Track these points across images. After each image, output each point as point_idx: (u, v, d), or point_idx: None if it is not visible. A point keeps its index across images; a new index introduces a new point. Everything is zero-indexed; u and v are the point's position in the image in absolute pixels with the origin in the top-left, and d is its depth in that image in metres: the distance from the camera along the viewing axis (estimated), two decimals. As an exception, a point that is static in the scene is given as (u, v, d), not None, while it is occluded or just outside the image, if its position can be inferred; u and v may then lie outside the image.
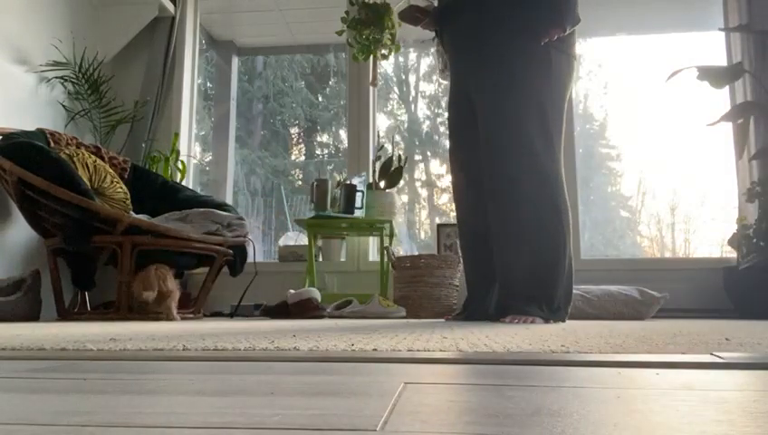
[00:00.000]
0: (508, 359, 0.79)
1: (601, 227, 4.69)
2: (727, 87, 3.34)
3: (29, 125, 2.93)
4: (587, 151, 4.65)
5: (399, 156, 3.45)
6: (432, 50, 2.37)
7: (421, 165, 5.11)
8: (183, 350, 0.90)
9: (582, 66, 4.62)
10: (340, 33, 3.49)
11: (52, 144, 2.81)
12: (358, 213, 3.19)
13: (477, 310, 2.19)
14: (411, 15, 2.33)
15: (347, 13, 3.49)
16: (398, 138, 4.79)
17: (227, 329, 1.54)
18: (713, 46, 3.67)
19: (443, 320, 2.24)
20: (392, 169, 3.39)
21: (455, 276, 3.05)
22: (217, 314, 3.37)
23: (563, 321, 2.05)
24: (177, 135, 3.71)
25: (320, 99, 5.56)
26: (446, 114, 2.35)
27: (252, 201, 5.01)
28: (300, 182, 5.45)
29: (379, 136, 3.83)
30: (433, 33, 2.41)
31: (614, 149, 5.02)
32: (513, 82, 2.08)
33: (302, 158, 5.71)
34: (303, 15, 4.29)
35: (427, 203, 5.15)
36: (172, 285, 2.54)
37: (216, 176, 4.21)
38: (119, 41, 3.68)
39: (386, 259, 3.20)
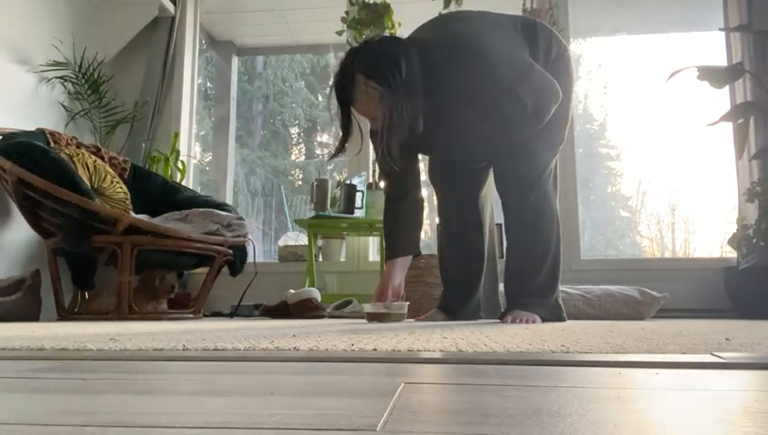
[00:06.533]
0: (508, 359, 0.79)
1: (601, 227, 4.69)
2: (727, 87, 3.34)
3: (29, 125, 2.93)
4: (587, 151, 4.65)
5: (399, 156, 3.44)
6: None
7: (421, 165, 5.10)
8: (183, 350, 0.90)
9: (582, 66, 4.63)
10: (340, 33, 3.49)
11: (52, 144, 2.81)
12: (358, 213, 3.19)
13: (465, 311, 2.22)
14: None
15: (347, 13, 3.49)
16: (398, 138, 4.77)
17: (227, 329, 1.54)
18: (713, 46, 3.67)
19: (442, 320, 2.24)
20: (392, 169, 3.38)
21: (455, 276, 3.04)
22: (217, 314, 3.37)
23: (562, 318, 2.08)
24: (177, 135, 3.71)
25: (320, 99, 5.56)
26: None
27: (252, 201, 5.01)
28: (300, 182, 5.46)
29: (379, 136, 3.82)
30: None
31: (614, 149, 5.03)
32: (537, 153, 2.06)
33: (302, 158, 5.72)
34: (303, 15, 4.29)
35: (427, 203, 5.14)
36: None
37: (215, 176, 4.21)
38: (119, 41, 3.68)
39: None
